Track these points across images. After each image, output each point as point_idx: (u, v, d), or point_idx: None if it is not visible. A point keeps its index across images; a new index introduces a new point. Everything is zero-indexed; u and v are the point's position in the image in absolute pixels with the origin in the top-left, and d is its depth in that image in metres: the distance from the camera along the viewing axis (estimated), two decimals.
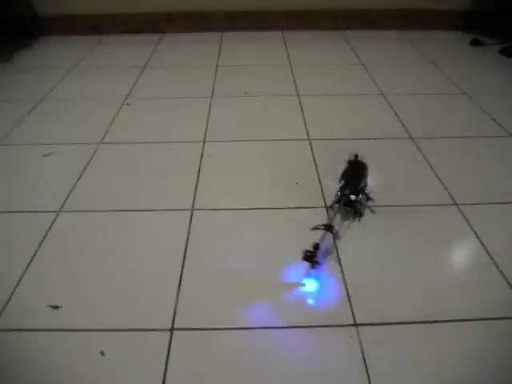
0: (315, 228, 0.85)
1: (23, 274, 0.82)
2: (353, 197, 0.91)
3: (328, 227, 0.84)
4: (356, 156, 0.99)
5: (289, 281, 0.79)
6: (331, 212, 0.93)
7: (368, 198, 0.97)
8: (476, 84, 1.58)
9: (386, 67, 1.74)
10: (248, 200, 1.00)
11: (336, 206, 0.93)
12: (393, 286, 0.79)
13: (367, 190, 0.97)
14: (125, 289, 0.79)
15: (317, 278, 0.79)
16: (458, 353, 0.68)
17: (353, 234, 0.90)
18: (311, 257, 0.78)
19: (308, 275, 0.78)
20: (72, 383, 0.65)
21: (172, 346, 0.69)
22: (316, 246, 0.79)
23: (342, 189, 0.93)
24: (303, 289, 0.78)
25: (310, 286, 0.78)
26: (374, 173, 1.09)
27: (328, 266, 0.83)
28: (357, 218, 0.94)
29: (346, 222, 0.93)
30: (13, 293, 0.78)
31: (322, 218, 0.94)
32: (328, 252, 0.85)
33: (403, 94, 1.50)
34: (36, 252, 0.87)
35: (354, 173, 0.96)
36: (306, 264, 0.79)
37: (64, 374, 0.66)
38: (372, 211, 0.96)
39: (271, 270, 0.82)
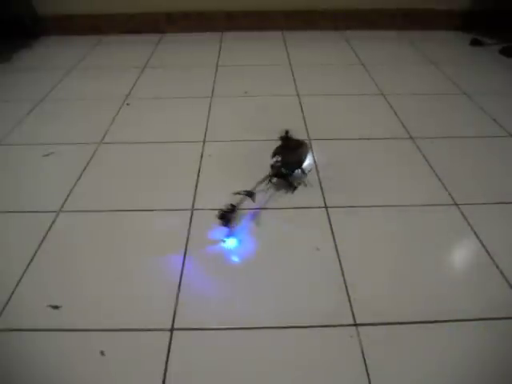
0: (237, 193, 0.95)
1: (23, 274, 0.82)
2: (283, 170, 1.01)
3: (249, 193, 0.95)
4: (286, 132, 1.03)
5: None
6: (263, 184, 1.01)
7: (303, 172, 1.07)
8: (476, 84, 1.58)
9: (385, 67, 1.74)
10: (248, 200, 1.00)
11: (274, 179, 1.03)
12: (393, 286, 0.79)
13: (306, 166, 1.08)
14: (125, 289, 0.79)
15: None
16: (458, 353, 0.68)
17: (352, 233, 0.91)
18: (224, 216, 0.90)
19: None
20: (72, 383, 0.65)
21: (172, 346, 0.69)
22: (232, 208, 0.91)
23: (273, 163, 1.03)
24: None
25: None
26: (374, 172, 1.09)
27: (327, 267, 0.83)
28: (290, 191, 1.02)
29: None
30: (13, 293, 0.78)
31: (320, 218, 0.94)
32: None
33: (403, 94, 1.50)
34: (36, 252, 0.87)
35: (285, 149, 1.02)
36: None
37: (64, 374, 0.66)
38: (305, 185, 1.04)
39: (272, 264, 0.82)
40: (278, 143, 1.03)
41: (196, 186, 1.05)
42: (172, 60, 1.84)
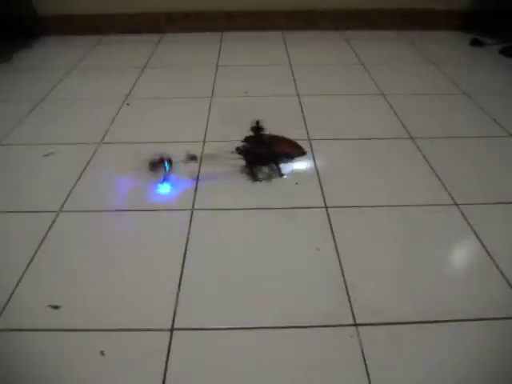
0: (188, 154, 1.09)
1: (23, 274, 0.82)
2: (248, 157, 1.08)
3: (191, 157, 1.08)
4: (257, 123, 1.07)
5: None
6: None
7: (279, 170, 1.08)
8: (476, 84, 1.58)
9: (386, 67, 1.74)
10: (248, 200, 1.00)
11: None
12: (393, 286, 0.79)
13: (285, 167, 1.10)
14: (125, 289, 0.79)
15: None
16: (458, 353, 0.68)
17: (352, 233, 0.91)
18: (154, 164, 1.03)
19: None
20: (72, 383, 0.65)
21: (172, 346, 0.69)
22: (166, 160, 1.04)
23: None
24: None
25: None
26: (373, 172, 1.09)
27: (327, 267, 0.83)
28: (250, 180, 1.06)
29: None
30: (13, 293, 0.78)
31: (320, 218, 0.94)
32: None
33: (403, 94, 1.50)
34: (36, 252, 0.87)
35: (254, 139, 1.09)
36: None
37: (64, 374, 0.66)
38: (269, 181, 1.05)
39: (272, 264, 0.82)
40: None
41: (196, 186, 1.05)
42: (172, 60, 1.84)
